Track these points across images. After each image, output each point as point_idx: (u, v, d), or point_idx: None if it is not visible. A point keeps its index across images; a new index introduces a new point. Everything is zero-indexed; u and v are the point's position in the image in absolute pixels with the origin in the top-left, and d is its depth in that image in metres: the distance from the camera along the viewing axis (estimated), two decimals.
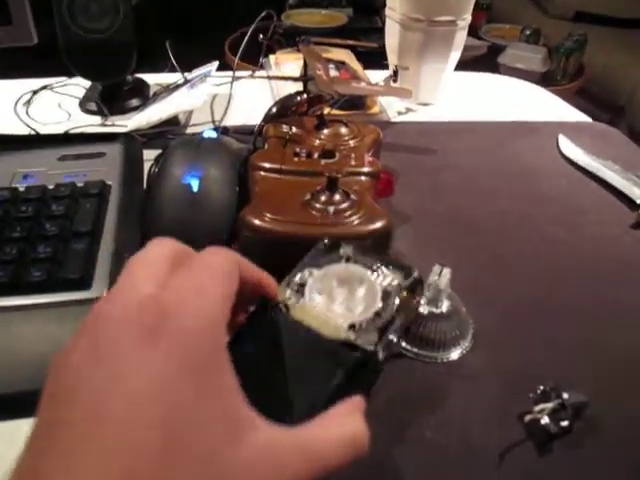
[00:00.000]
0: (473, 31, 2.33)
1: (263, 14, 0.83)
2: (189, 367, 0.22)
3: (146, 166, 0.60)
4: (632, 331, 0.46)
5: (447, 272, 0.42)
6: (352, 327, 0.31)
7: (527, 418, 0.38)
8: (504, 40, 2.41)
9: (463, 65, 0.86)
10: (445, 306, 0.43)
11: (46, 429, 0.21)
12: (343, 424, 0.26)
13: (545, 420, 0.37)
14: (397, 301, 0.33)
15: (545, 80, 2.13)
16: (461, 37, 0.79)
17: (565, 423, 0.37)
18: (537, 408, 0.38)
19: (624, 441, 0.38)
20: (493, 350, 0.44)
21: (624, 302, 0.49)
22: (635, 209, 0.61)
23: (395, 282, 0.34)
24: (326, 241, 0.36)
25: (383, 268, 0.35)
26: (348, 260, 0.35)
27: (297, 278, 0.34)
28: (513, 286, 0.50)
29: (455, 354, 0.43)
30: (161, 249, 0.27)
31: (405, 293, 0.34)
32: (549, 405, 0.38)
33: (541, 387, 0.39)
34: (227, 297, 0.26)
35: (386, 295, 0.33)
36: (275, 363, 0.30)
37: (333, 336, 0.31)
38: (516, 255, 0.54)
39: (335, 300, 0.33)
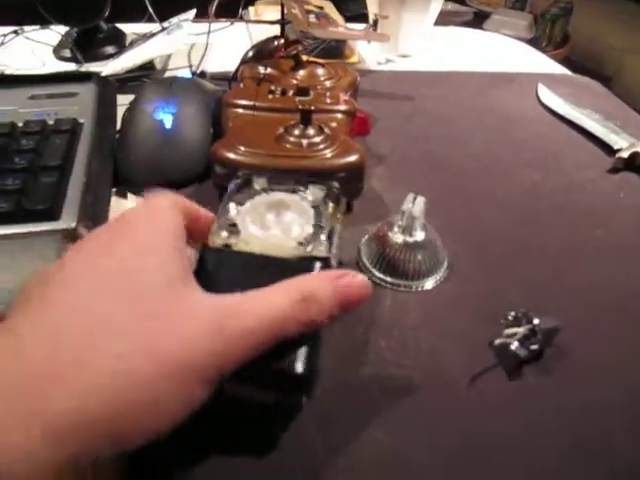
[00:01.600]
0: None
1: None
2: (134, 249, 0.27)
3: (121, 111, 0.60)
4: (605, 269, 0.46)
5: (421, 200, 0.42)
6: (301, 244, 0.32)
7: (497, 342, 0.38)
8: (490, 7, 2.40)
9: None
10: (420, 236, 0.42)
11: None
12: (271, 298, 0.27)
13: (515, 345, 0.37)
14: (329, 210, 0.35)
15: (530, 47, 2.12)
16: None
17: (535, 347, 0.37)
18: (507, 332, 0.38)
19: (594, 368, 0.38)
20: (467, 281, 0.44)
21: (598, 243, 0.49)
22: (612, 155, 0.61)
23: (319, 197, 0.35)
24: (238, 180, 0.36)
25: (302, 188, 0.36)
26: (266, 191, 0.35)
27: (226, 218, 0.33)
28: (487, 225, 0.50)
29: (429, 284, 0.43)
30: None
31: (331, 204, 0.35)
32: (520, 330, 0.38)
33: (512, 313, 0.39)
34: (170, 210, 0.30)
35: (316, 210, 0.34)
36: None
37: (289, 256, 0.31)
38: (489, 196, 0.54)
39: (270, 228, 0.33)
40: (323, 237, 0.33)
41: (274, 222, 0.34)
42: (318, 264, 0.31)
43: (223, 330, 0.25)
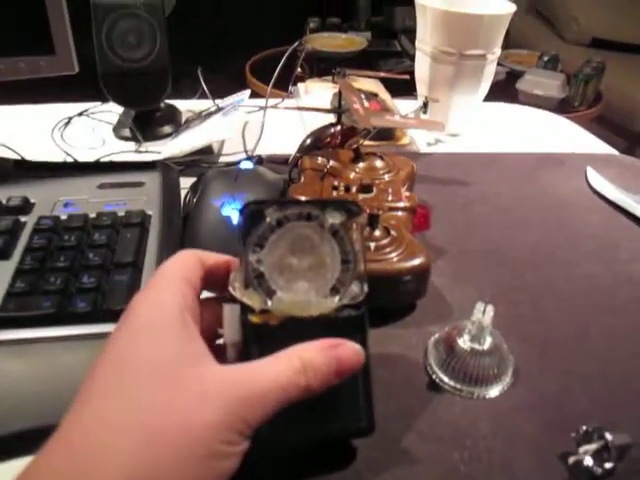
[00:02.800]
0: None
1: (296, 43, 0.84)
2: (138, 332, 0.30)
3: (181, 193, 0.61)
4: None
5: (490, 309, 0.42)
6: (334, 290, 0.33)
7: (571, 460, 0.37)
8: (522, 66, 2.42)
9: None
10: (487, 343, 0.43)
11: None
12: (276, 367, 0.30)
13: (588, 461, 0.37)
14: (351, 234, 0.34)
15: (563, 106, 2.14)
16: (491, 70, 0.80)
17: (609, 465, 0.37)
18: (581, 450, 0.38)
19: None
20: (533, 388, 0.44)
21: None
22: None
23: (338, 221, 0.34)
24: (246, 214, 0.34)
25: (317, 212, 0.34)
26: (280, 224, 0.33)
27: (251, 269, 0.33)
28: (551, 323, 0.50)
29: (495, 391, 0.43)
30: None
31: (349, 226, 0.34)
32: (593, 446, 0.38)
33: (584, 427, 0.38)
34: (176, 284, 0.33)
35: (336, 236, 0.34)
36: None
37: (326, 311, 0.33)
38: (551, 292, 0.54)
39: (298, 277, 0.33)
40: (351, 275, 0.33)
41: (300, 267, 0.33)
42: (355, 315, 0.33)
43: (230, 402, 0.28)
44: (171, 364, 0.29)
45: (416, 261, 0.47)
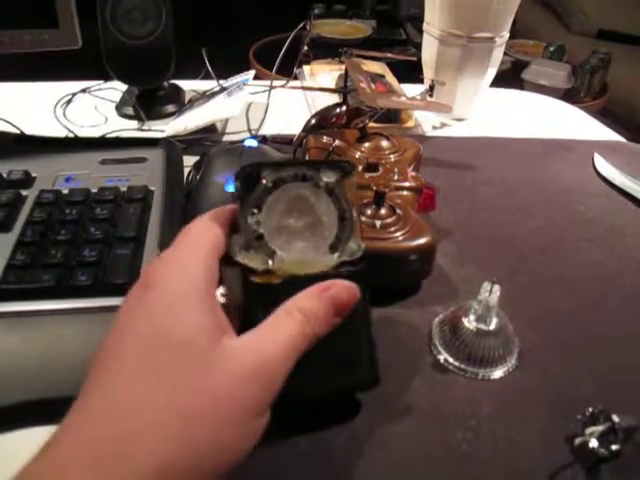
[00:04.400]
0: None
1: (302, 24, 0.83)
2: (164, 304, 0.30)
3: (184, 171, 0.61)
4: None
5: (497, 289, 0.41)
6: (332, 248, 0.34)
7: (577, 441, 0.37)
8: (527, 56, 2.41)
9: None
10: (493, 323, 0.42)
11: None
12: (282, 326, 0.31)
13: (594, 443, 0.37)
14: (346, 191, 0.34)
15: (568, 97, 2.12)
16: (498, 54, 0.79)
17: (615, 447, 0.37)
18: (587, 431, 0.37)
19: None
20: (539, 370, 0.43)
21: None
22: None
23: (333, 179, 0.34)
24: (241, 177, 0.34)
25: (313, 172, 0.34)
26: (276, 185, 0.34)
27: (250, 232, 0.33)
28: (556, 307, 0.50)
29: (500, 372, 0.43)
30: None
31: (343, 183, 0.34)
32: (599, 428, 0.37)
33: (590, 409, 0.38)
34: (201, 251, 0.32)
35: (333, 196, 0.34)
36: None
37: (325, 268, 0.33)
38: (556, 277, 0.53)
39: (297, 236, 0.34)
40: (349, 231, 0.34)
41: (298, 227, 0.34)
42: (354, 270, 0.34)
43: (258, 377, 0.29)
44: (199, 339, 0.29)
45: (422, 240, 0.46)
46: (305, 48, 0.83)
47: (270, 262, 0.33)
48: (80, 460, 0.25)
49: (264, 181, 0.33)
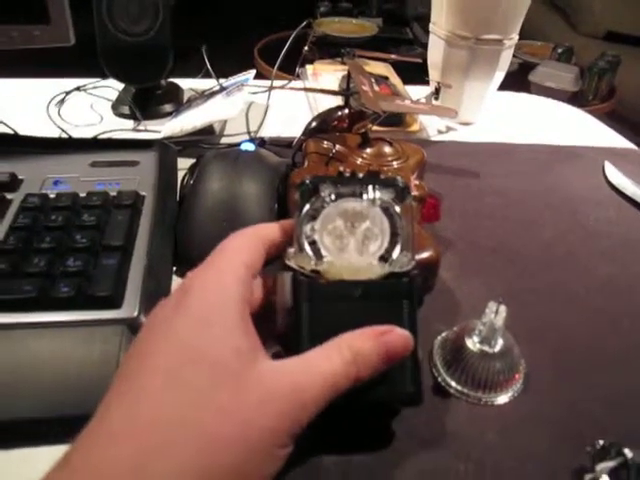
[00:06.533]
0: None
1: (304, 23, 0.81)
2: (199, 321, 0.30)
3: (179, 175, 0.58)
4: None
5: (503, 310, 0.39)
6: (382, 259, 0.34)
7: (587, 478, 0.34)
8: (535, 57, 2.38)
9: None
10: (498, 345, 0.40)
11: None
12: (327, 361, 0.30)
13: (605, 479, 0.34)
14: (400, 210, 0.35)
15: (576, 100, 2.09)
16: (507, 57, 0.76)
17: None
18: (598, 467, 0.35)
19: None
20: (545, 396, 0.41)
21: None
22: None
23: (387, 198, 0.36)
24: (303, 188, 0.36)
25: (369, 190, 0.36)
26: (335, 199, 0.35)
27: (304, 237, 0.35)
28: (564, 327, 0.47)
29: (504, 397, 0.40)
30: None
31: (400, 203, 0.36)
32: (610, 464, 0.35)
33: (600, 442, 0.36)
34: (238, 270, 0.32)
35: (387, 212, 0.35)
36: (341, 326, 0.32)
37: (375, 276, 0.34)
38: (564, 293, 0.51)
39: (349, 244, 0.35)
40: (403, 251, 0.35)
41: (351, 237, 0.35)
42: (403, 281, 0.34)
43: (288, 406, 0.28)
44: (232, 362, 0.28)
45: (424, 254, 0.44)
46: (306, 48, 0.80)
47: (320, 265, 0.34)
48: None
49: (322, 194, 0.35)
